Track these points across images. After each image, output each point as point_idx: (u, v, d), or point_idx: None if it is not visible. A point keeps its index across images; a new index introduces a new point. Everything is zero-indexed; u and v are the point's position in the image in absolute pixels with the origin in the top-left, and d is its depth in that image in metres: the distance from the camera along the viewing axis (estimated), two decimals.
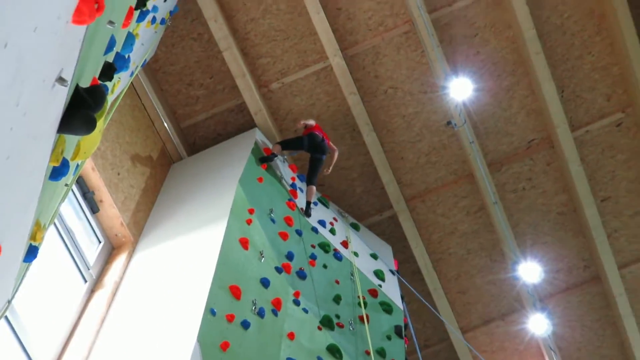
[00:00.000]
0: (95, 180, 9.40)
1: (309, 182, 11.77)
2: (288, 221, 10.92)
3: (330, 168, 11.99)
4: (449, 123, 13.15)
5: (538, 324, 14.12)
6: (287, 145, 12.03)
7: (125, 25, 5.38)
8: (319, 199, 12.58)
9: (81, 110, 3.99)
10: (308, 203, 11.71)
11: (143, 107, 12.21)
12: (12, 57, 2.73)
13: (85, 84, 4.25)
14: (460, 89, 12.77)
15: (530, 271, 13.84)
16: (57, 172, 4.33)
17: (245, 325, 7.98)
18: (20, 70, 2.89)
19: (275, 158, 11.97)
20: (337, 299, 10.40)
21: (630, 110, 13.38)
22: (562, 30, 12.83)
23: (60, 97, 3.69)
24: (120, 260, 9.39)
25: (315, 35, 12.46)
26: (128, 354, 7.41)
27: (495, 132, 13.47)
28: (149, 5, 6.58)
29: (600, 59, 13.10)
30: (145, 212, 10.55)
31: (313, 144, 11.66)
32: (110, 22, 4.62)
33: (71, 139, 4.36)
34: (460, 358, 14.46)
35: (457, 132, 13.24)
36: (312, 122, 11.86)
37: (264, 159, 11.69)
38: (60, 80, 3.48)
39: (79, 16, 3.33)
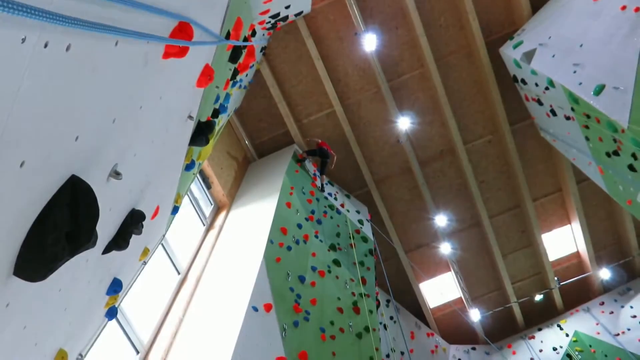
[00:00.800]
0: (209, 171, 9.44)
1: (322, 173, 11.71)
2: (312, 194, 10.89)
3: (333, 165, 11.89)
4: (398, 141, 13.05)
5: (446, 248, 14.08)
6: (308, 153, 11.93)
7: (225, 88, 5.35)
8: (328, 182, 12.52)
9: (201, 133, 3.95)
10: (322, 185, 11.64)
11: (234, 133, 12.22)
12: (164, 104, 2.68)
13: (203, 119, 4.21)
14: (404, 123, 12.68)
15: (441, 220, 13.81)
16: (189, 167, 4.34)
17: (289, 249, 7.97)
18: (168, 111, 2.83)
19: (305, 161, 11.97)
20: (338, 235, 10.38)
21: (495, 134, 13.25)
22: (459, 90, 12.70)
23: (190, 127, 3.65)
24: (222, 214, 9.44)
25: (326, 94, 12.37)
26: (225, 263, 7.42)
27: (422, 146, 13.37)
28: (238, 79, 6.54)
29: (479, 107, 12.98)
30: (235, 189, 10.56)
31: (322, 153, 11.60)
32: (217, 87, 4.58)
33: (196, 149, 4.33)
34: (404, 267, 14.41)
35: (402, 145, 13.14)
36: (318, 140, 11.84)
37: (299, 160, 11.73)
38: (190, 117, 3.44)
39: (199, 83, 3.29)
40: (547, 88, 9.39)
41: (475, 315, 14.60)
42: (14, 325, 1.91)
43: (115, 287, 3.53)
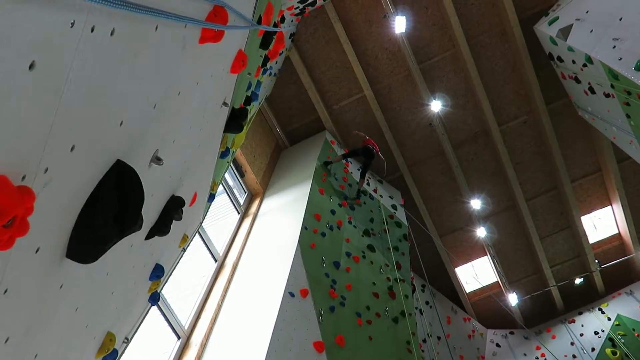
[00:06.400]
0: (242, 160, 9.52)
1: (362, 177, 10.55)
2: (344, 179, 10.87)
3: (385, 172, 10.92)
4: (430, 124, 12.89)
5: (481, 232, 13.91)
6: (347, 154, 10.95)
7: (256, 75, 5.38)
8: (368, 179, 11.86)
9: (235, 120, 3.98)
10: (359, 190, 10.60)
11: (266, 121, 12.27)
12: (201, 90, 2.71)
13: (236, 106, 4.25)
14: (436, 105, 12.52)
15: (476, 203, 13.62)
16: (224, 154, 4.39)
17: (323, 235, 7.99)
18: (205, 97, 2.87)
19: (331, 164, 10.64)
20: (371, 220, 10.32)
21: (531, 114, 12.93)
22: (493, 70, 12.42)
23: (224, 113, 3.69)
24: (256, 202, 9.52)
25: (356, 79, 12.31)
26: (261, 250, 7.49)
27: (455, 128, 13.16)
28: (268, 66, 6.57)
29: (514, 87, 12.65)
30: (268, 176, 10.63)
31: (365, 152, 10.41)
32: (249, 74, 4.61)
33: (230, 136, 4.38)
34: (439, 251, 14.31)
35: (434, 128, 12.97)
36: (366, 137, 10.61)
37: (327, 162, 10.56)
38: (224, 104, 3.47)
39: (233, 69, 3.32)
40: (584, 65, 9.09)
41: (512, 299, 14.40)
42: (67, 307, 1.99)
43: (158, 272, 3.62)
